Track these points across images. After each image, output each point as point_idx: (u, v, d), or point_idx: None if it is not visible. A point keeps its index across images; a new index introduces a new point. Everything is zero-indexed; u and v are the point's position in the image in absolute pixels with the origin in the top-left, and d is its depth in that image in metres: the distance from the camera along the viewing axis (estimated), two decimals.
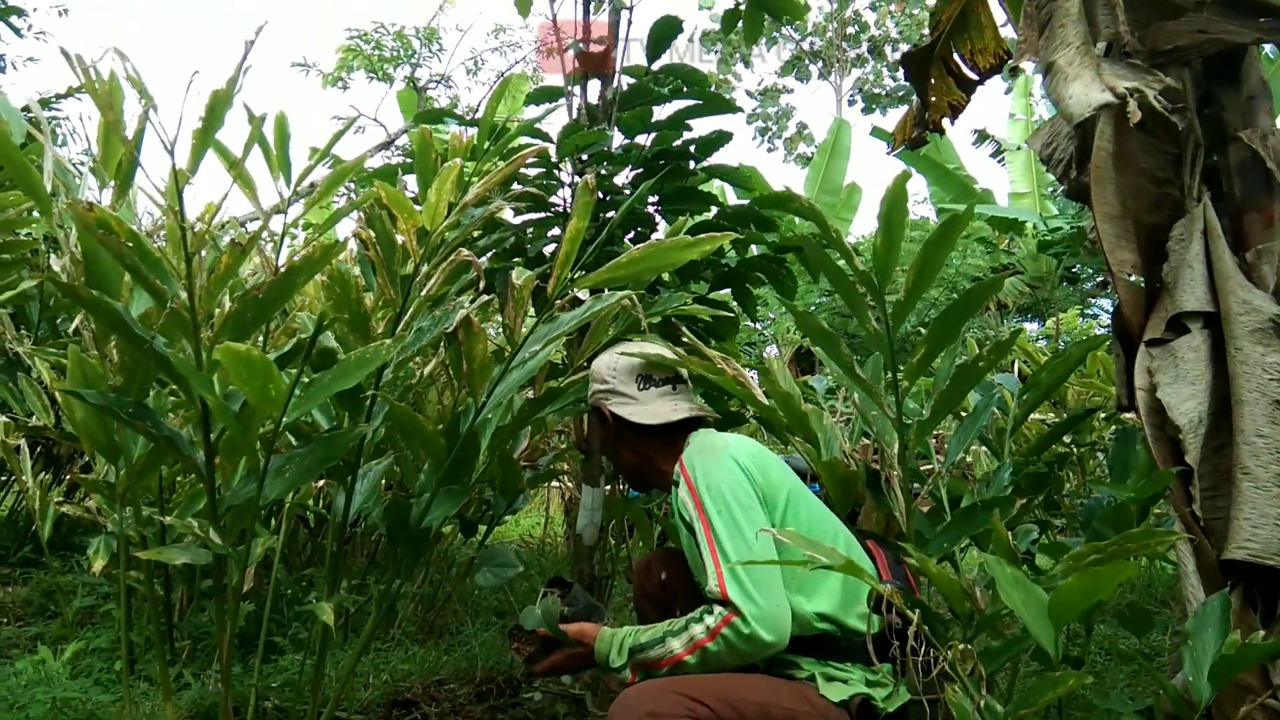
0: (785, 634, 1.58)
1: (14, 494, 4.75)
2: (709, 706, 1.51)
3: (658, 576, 1.99)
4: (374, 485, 1.97)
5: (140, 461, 1.83)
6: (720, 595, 1.59)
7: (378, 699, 2.23)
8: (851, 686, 1.62)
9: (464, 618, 3.08)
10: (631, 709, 1.52)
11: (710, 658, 1.60)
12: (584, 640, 1.76)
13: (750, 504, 1.66)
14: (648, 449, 1.89)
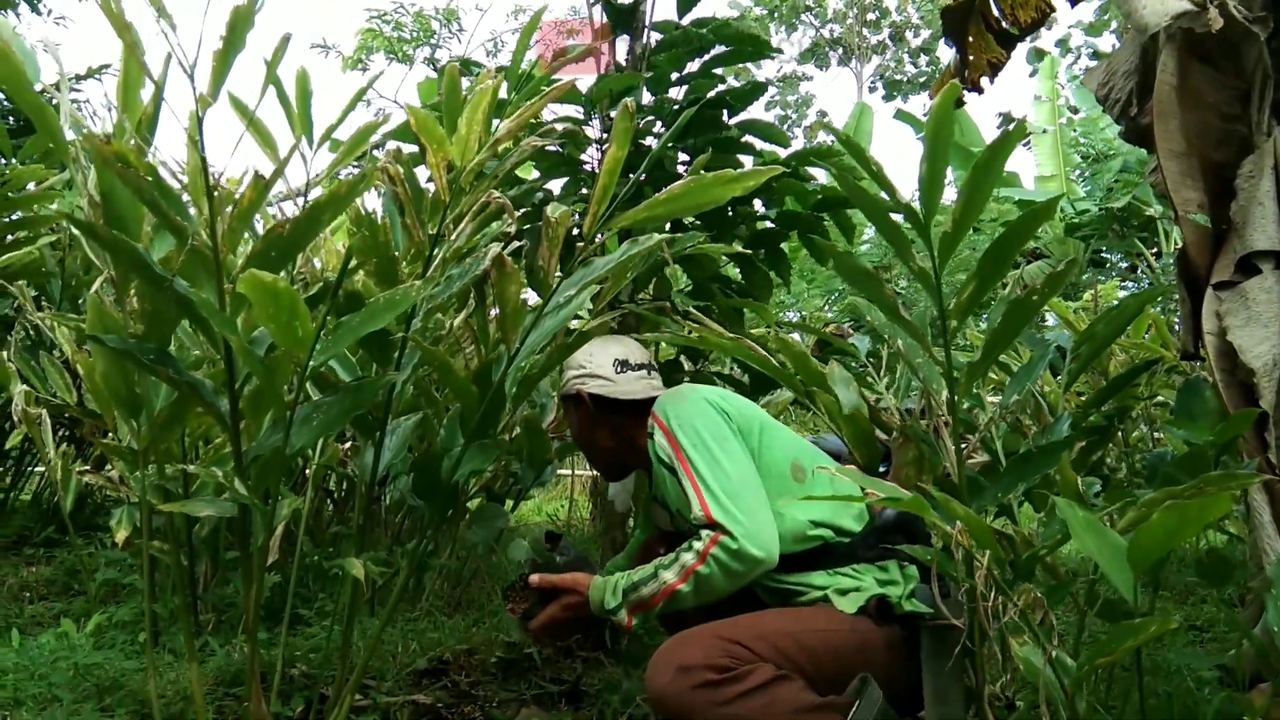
0: (773, 550, 1.60)
1: (37, 477, 4.75)
2: (746, 646, 1.50)
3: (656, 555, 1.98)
4: (403, 441, 1.90)
5: (162, 415, 1.77)
6: (705, 519, 1.62)
7: (407, 667, 2.16)
8: (864, 592, 1.63)
9: (491, 592, 3.02)
10: (668, 662, 1.50)
11: (703, 582, 1.61)
12: (578, 589, 1.76)
13: (724, 435, 1.71)
14: (626, 427, 1.94)
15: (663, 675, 1.49)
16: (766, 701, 1.46)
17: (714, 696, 1.46)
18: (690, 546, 1.63)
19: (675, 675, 1.47)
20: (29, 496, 4.62)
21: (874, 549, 1.69)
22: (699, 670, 1.47)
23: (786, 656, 1.53)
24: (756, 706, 1.46)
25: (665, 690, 1.48)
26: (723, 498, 1.62)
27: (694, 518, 1.64)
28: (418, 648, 2.32)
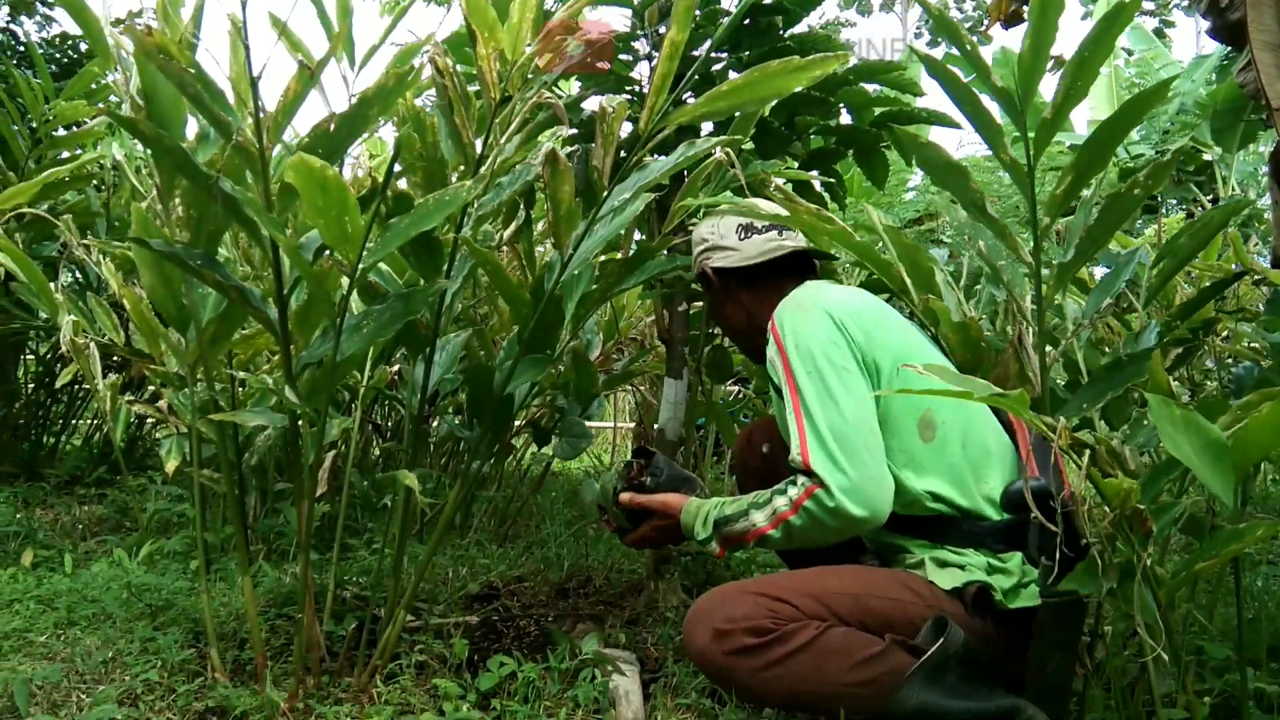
0: (880, 509, 1.42)
1: (86, 421, 4.80)
2: (793, 604, 1.37)
3: (759, 449, 1.85)
4: (453, 357, 1.85)
5: (210, 329, 1.73)
6: (803, 464, 1.44)
7: (458, 591, 2.13)
8: (968, 573, 1.45)
9: (539, 525, 2.99)
10: (703, 622, 1.39)
11: (795, 532, 1.46)
12: (669, 512, 1.65)
13: (845, 364, 1.50)
14: (758, 303, 1.75)
15: (698, 637, 1.38)
16: (815, 657, 1.33)
17: (754, 662, 1.34)
18: (785, 490, 1.46)
19: (711, 639, 1.36)
20: (80, 440, 4.68)
21: (1001, 539, 1.48)
22: (736, 634, 1.35)
23: (842, 620, 1.38)
24: (804, 665, 1.32)
25: (702, 653, 1.38)
26: (828, 440, 1.42)
27: (791, 460, 1.46)
28: (468, 573, 2.29)
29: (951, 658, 1.31)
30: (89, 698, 1.57)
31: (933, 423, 1.51)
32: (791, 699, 1.35)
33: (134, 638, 1.81)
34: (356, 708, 1.58)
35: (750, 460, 1.86)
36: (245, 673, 1.74)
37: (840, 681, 1.31)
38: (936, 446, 1.50)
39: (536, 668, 1.60)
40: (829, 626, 1.36)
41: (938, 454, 1.50)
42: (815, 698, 1.34)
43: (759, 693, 1.36)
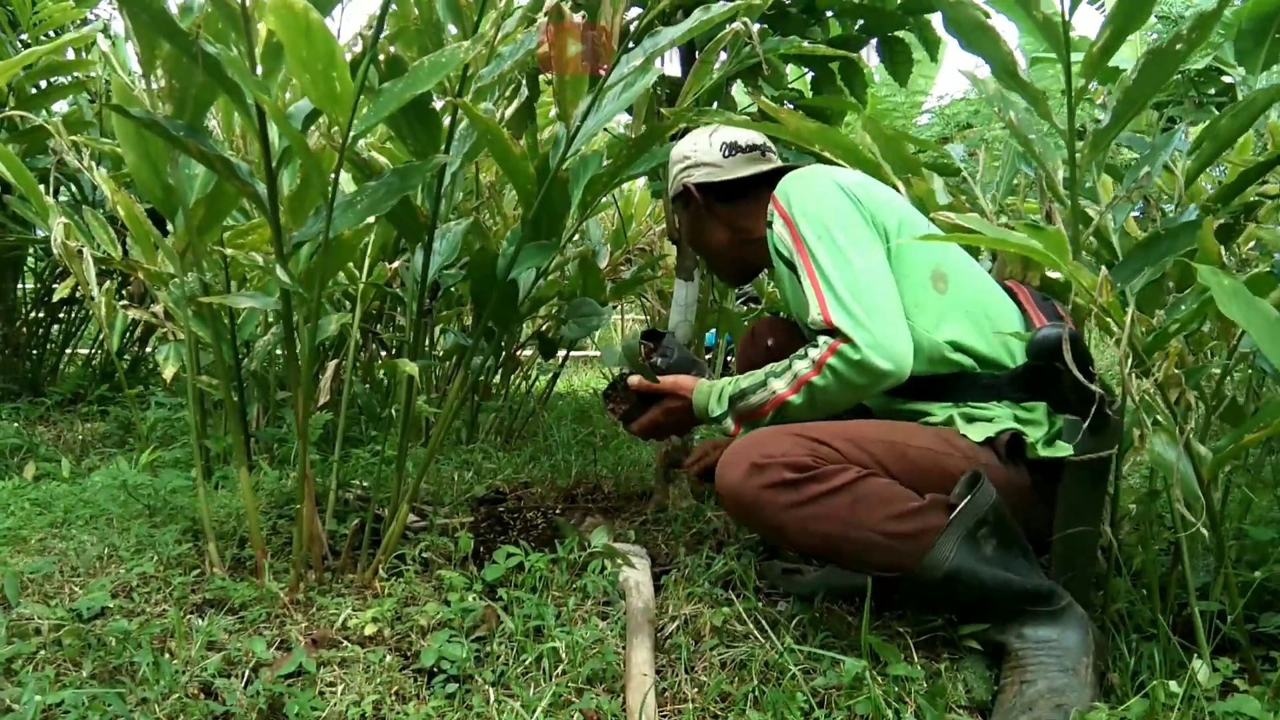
0: (904, 363, 1.37)
1: (89, 339, 4.76)
2: (834, 447, 1.31)
3: (764, 344, 1.80)
4: (454, 245, 1.76)
5: (199, 212, 1.65)
6: (824, 323, 1.39)
7: (464, 494, 2.08)
8: (998, 424, 1.39)
9: (547, 434, 2.93)
10: (740, 457, 1.32)
11: (818, 394, 1.41)
12: (680, 392, 1.60)
13: (853, 224, 1.45)
14: (740, 218, 1.72)
15: (733, 472, 1.31)
16: (852, 500, 1.26)
17: (789, 497, 1.27)
18: (805, 354, 1.42)
19: (747, 472, 1.29)
20: (81, 360, 4.64)
21: (1022, 387, 1.43)
22: (774, 468, 1.28)
23: (883, 467, 1.32)
24: (840, 506, 1.26)
25: (735, 488, 1.31)
26: (846, 298, 1.38)
27: (811, 321, 1.42)
28: (473, 477, 2.24)
29: (985, 517, 1.25)
30: (82, 590, 1.52)
31: (944, 274, 1.48)
32: (820, 542, 1.28)
33: (130, 535, 1.76)
34: (359, 600, 1.53)
35: (755, 356, 1.79)
36: (245, 568, 1.70)
37: (874, 530, 1.25)
38: (951, 295, 1.47)
39: (545, 558, 1.55)
40: (869, 474, 1.30)
41: (953, 302, 1.47)
42: (845, 544, 1.27)
43: (787, 531, 1.29)
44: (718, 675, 1.29)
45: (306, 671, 1.28)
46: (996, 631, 1.27)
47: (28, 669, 1.26)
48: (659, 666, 1.33)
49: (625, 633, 1.39)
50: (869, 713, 1.13)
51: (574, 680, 1.27)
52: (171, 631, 1.36)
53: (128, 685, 1.22)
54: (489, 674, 1.29)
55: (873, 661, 1.23)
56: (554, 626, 1.38)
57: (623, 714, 1.20)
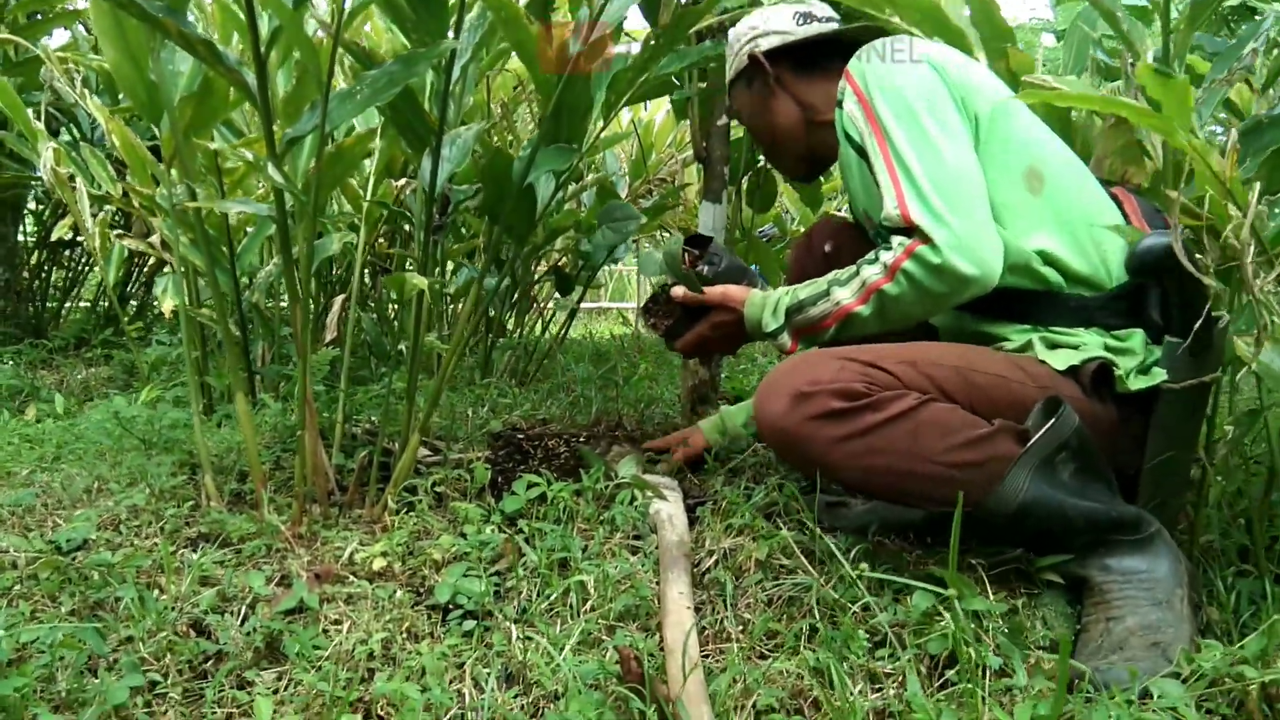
0: (992, 267, 1.19)
1: (93, 283, 4.65)
2: (890, 370, 1.15)
3: (820, 250, 1.60)
4: (465, 152, 1.60)
5: (186, 112, 1.50)
6: (901, 220, 1.21)
7: (479, 429, 1.95)
8: (1084, 351, 1.22)
9: (565, 369, 2.80)
10: (782, 385, 1.16)
11: (890, 304, 1.24)
12: (730, 305, 1.43)
13: (942, 107, 1.25)
14: (813, 93, 1.50)
15: (775, 402, 1.16)
16: (912, 429, 1.11)
17: (840, 429, 1.12)
18: (875, 257, 1.25)
19: (792, 403, 1.14)
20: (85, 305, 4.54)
21: (1117, 312, 1.25)
22: (822, 396, 1.13)
23: (945, 394, 1.16)
24: (899, 437, 1.11)
25: (777, 421, 1.16)
26: (928, 190, 1.19)
27: (885, 218, 1.23)
28: (489, 413, 2.11)
29: (1064, 445, 1.10)
30: (66, 524, 1.40)
31: (1041, 174, 1.27)
32: (876, 478, 1.14)
33: (122, 468, 1.64)
34: (367, 535, 1.41)
35: (810, 264, 1.61)
36: (244, 503, 1.58)
37: (938, 461, 1.10)
38: (1046, 198, 1.27)
39: (568, 488, 1.41)
40: (930, 399, 1.14)
41: (1047, 207, 1.27)
42: (904, 479, 1.12)
43: (839, 468, 1.15)
44: (763, 612, 1.16)
45: (308, 607, 1.16)
46: (1078, 564, 1.13)
47: (0, 604, 1.14)
48: (697, 603, 1.20)
49: (658, 567, 1.26)
50: (943, 651, 1.00)
51: (604, 617, 1.14)
52: (160, 565, 1.24)
53: (109, 622, 1.10)
54: (510, 610, 1.16)
55: (938, 597, 1.09)
56: (580, 560, 1.25)
57: (660, 653, 1.07)
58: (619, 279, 8.49)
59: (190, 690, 1.05)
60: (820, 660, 1.01)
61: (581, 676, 0.98)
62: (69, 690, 1.00)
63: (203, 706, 1.01)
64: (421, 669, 1.05)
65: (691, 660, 0.99)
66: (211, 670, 1.08)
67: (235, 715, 1.02)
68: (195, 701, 1.03)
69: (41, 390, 2.85)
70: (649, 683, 0.92)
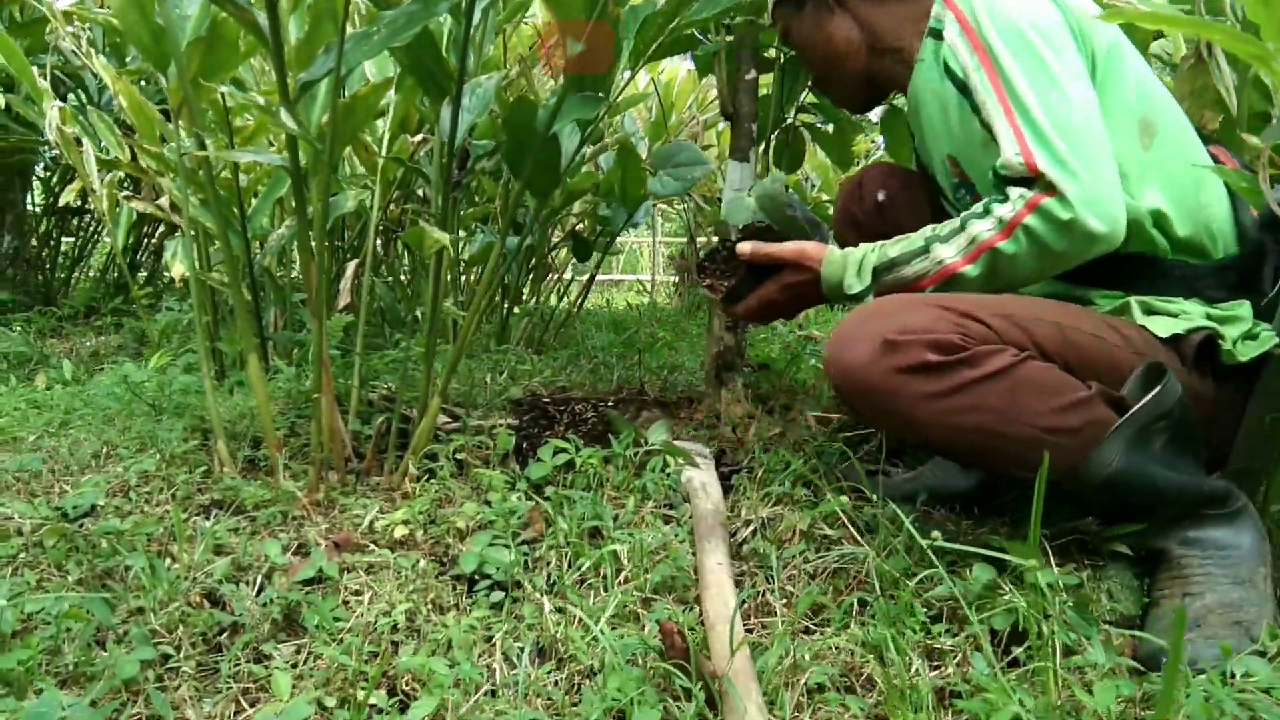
0: (1120, 225, 1.07)
1: (102, 252, 4.60)
2: (986, 324, 1.05)
3: (873, 197, 1.48)
4: (486, 101, 1.53)
5: (194, 59, 1.42)
6: (1025, 168, 1.08)
7: (499, 395, 1.88)
8: (1187, 320, 1.11)
9: (585, 336, 2.73)
10: (866, 331, 1.05)
11: (1004, 265, 1.12)
12: (807, 263, 1.26)
13: (1063, 40, 1.12)
14: (880, 16, 1.34)
15: (858, 349, 1.04)
16: (1010, 388, 1.01)
17: (932, 385, 1.01)
18: (987, 210, 1.11)
19: (878, 351, 1.03)
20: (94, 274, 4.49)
21: (1226, 283, 1.14)
22: (915, 347, 1.01)
23: (1042, 351, 1.06)
24: (995, 396, 1.01)
25: (860, 371, 1.04)
26: (1053, 136, 1.06)
27: (1001, 165, 1.10)
28: (508, 380, 2.04)
29: (1165, 415, 1.02)
30: (73, 490, 1.34)
31: (1154, 125, 1.15)
32: (963, 438, 1.04)
33: (131, 432, 1.58)
34: (387, 502, 1.35)
35: (859, 212, 1.49)
36: (258, 470, 1.52)
37: (1035, 425, 1.01)
38: (1156, 153, 1.15)
39: (597, 454, 1.35)
40: (1028, 357, 1.04)
41: (1157, 163, 1.16)
42: (994, 440, 1.02)
43: (924, 426, 1.04)
44: (807, 585, 1.10)
45: (328, 577, 1.10)
46: (1156, 536, 1.06)
47: (3, 573, 1.08)
48: (736, 575, 1.13)
49: (693, 537, 1.20)
50: (1008, 627, 0.93)
51: (640, 588, 1.08)
52: (171, 533, 1.18)
53: (118, 591, 1.05)
54: (540, 581, 1.10)
55: (1000, 567, 1.02)
56: (612, 529, 1.18)
57: (700, 627, 1.01)
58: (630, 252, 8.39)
59: (204, 664, 0.99)
60: (874, 635, 0.95)
61: (620, 651, 0.92)
62: (76, 663, 0.94)
63: (218, 681, 0.96)
64: (448, 642, 0.99)
65: (737, 634, 0.92)
66: (226, 643, 1.02)
67: (252, 690, 0.96)
68: (210, 675, 0.97)
69: (51, 358, 2.80)
70: (694, 658, 0.86)
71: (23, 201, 4.04)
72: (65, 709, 0.83)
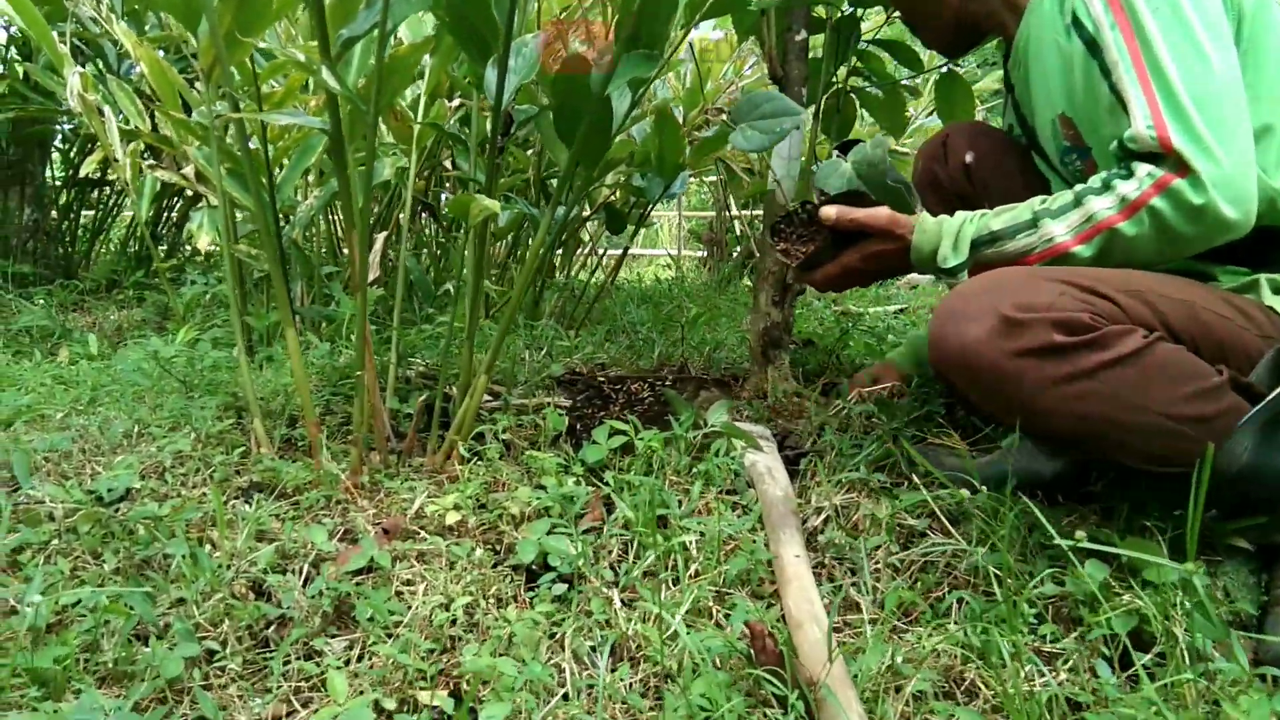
0: (1252, 212, 0.99)
1: (122, 224, 4.54)
2: (1114, 301, 0.96)
3: (960, 158, 1.37)
4: (532, 62, 1.44)
5: (226, 16, 1.34)
6: (1157, 143, 0.98)
7: (538, 373, 1.81)
8: None
9: (620, 313, 2.65)
10: (982, 306, 0.96)
11: (1121, 246, 1.03)
12: (897, 231, 1.16)
13: (1212, 2, 1.01)
14: None
15: (973, 326, 0.95)
16: (1140, 373, 0.93)
17: (1058, 368, 0.93)
18: (1107, 186, 1.03)
19: (997, 330, 0.94)
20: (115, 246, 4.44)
21: None
22: (1039, 327, 0.93)
23: (1172, 332, 0.98)
24: (1125, 381, 0.93)
25: (975, 350, 0.95)
26: (1191, 110, 0.97)
27: (1130, 138, 1.01)
28: (546, 356, 1.96)
29: None
30: (105, 471, 1.28)
31: None
32: (1088, 427, 0.95)
33: (163, 410, 1.51)
34: (434, 485, 1.28)
35: (943, 174, 1.39)
36: (296, 449, 1.45)
37: (1165, 413, 0.93)
38: None
39: (658, 436, 1.27)
40: (1159, 338, 0.96)
41: None
42: (1121, 430, 0.94)
43: (1047, 414, 0.95)
44: (892, 580, 1.02)
45: (379, 567, 1.03)
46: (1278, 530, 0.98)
47: (36, 561, 1.02)
48: (813, 568, 1.06)
49: (762, 526, 1.12)
50: (1126, 631, 0.86)
51: (713, 582, 1.01)
52: (211, 518, 1.11)
53: (158, 582, 0.98)
54: (606, 573, 1.02)
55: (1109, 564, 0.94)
56: (679, 517, 1.11)
57: (781, 625, 0.94)
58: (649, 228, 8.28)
59: (251, 660, 0.93)
60: (976, 638, 0.87)
61: (705, 653, 0.84)
62: (116, 660, 0.88)
63: (268, 680, 0.89)
64: (510, 638, 0.92)
65: (825, 633, 0.85)
66: (274, 637, 0.96)
67: (304, 689, 0.89)
68: (259, 674, 0.91)
69: (74, 332, 2.75)
70: (789, 664, 0.79)
71: (42, 173, 3.98)
72: (107, 714, 0.77)
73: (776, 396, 1.76)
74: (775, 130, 1.22)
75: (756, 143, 1.22)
